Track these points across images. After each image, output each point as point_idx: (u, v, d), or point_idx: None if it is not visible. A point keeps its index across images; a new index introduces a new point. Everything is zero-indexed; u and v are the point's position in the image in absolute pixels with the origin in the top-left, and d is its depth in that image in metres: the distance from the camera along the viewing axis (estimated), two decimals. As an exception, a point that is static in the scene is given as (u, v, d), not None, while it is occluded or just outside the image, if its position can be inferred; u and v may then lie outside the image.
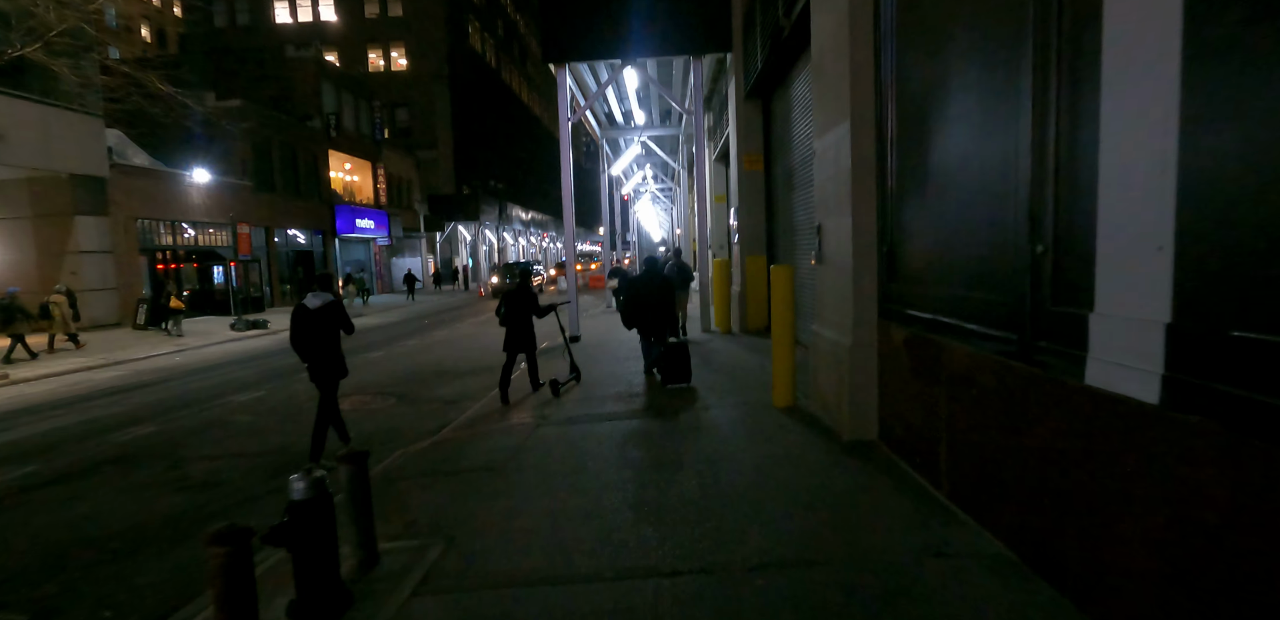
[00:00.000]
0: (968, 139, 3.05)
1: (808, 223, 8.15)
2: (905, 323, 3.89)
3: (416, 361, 10.86)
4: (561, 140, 11.13)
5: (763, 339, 9.97)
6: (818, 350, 5.26)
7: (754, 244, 10.76)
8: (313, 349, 5.23)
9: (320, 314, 5.19)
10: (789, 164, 9.14)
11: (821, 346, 5.14)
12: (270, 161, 24.73)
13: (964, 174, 3.09)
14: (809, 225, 8.01)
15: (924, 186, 3.62)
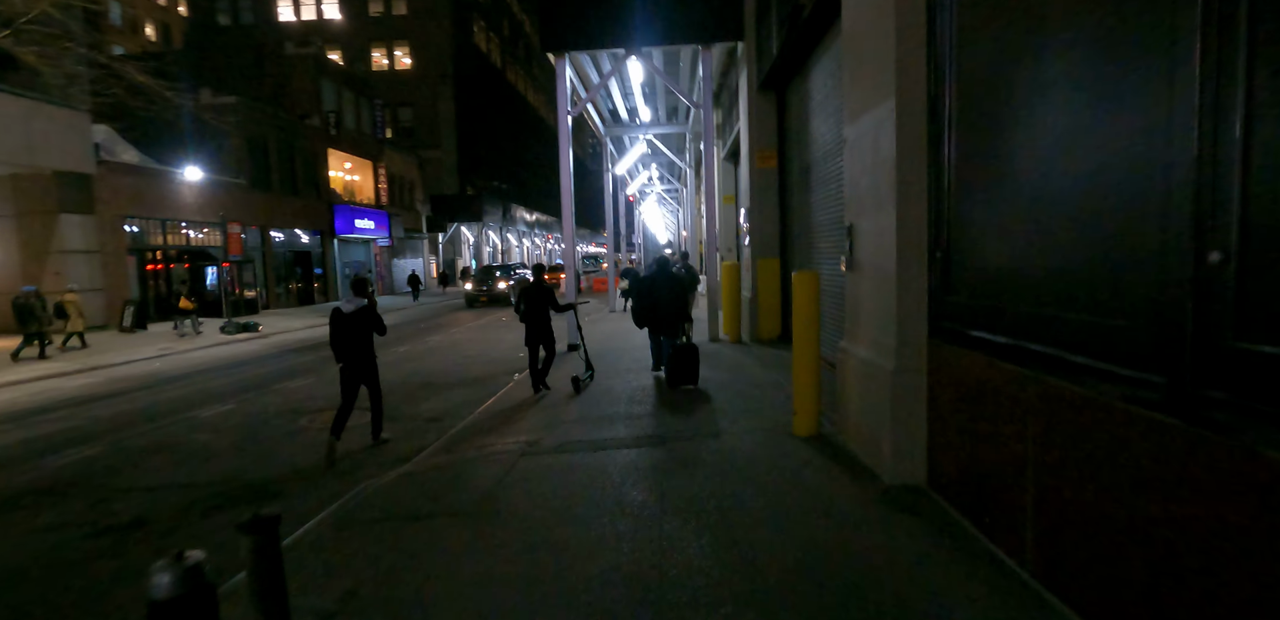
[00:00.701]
0: (1079, 108, 2.28)
1: (828, 223, 7.39)
2: (969, 345, 3.13)
3: (403, 371, 10.14)
4: (560, 135, 10.42)
5: (776, 350, 9.20)
6: (849, 371, 4.50)
7: (766, 246, 10.00)
8: (347, 350, 5.65)
9: (354, 317, 5.60)
10: (806, 160, 8.39)
11: (854, 367, 4.37)
12: (267, 160, 24.13)
13: (1070, 155, 2.33)
14: (830, 226, 7.25)
15: (999, 174, 2.86)
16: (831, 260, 7.44)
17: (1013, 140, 2.74)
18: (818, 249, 8.03)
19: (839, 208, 6.73)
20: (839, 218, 6.73)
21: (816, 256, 8.09)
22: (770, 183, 9.92)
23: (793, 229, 9.48)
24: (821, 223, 7.76)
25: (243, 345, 15.10)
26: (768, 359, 8.53)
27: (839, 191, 6.60)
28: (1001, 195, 2.86)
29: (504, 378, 9.12)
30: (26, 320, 12.26)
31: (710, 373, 7.82)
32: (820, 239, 7.85)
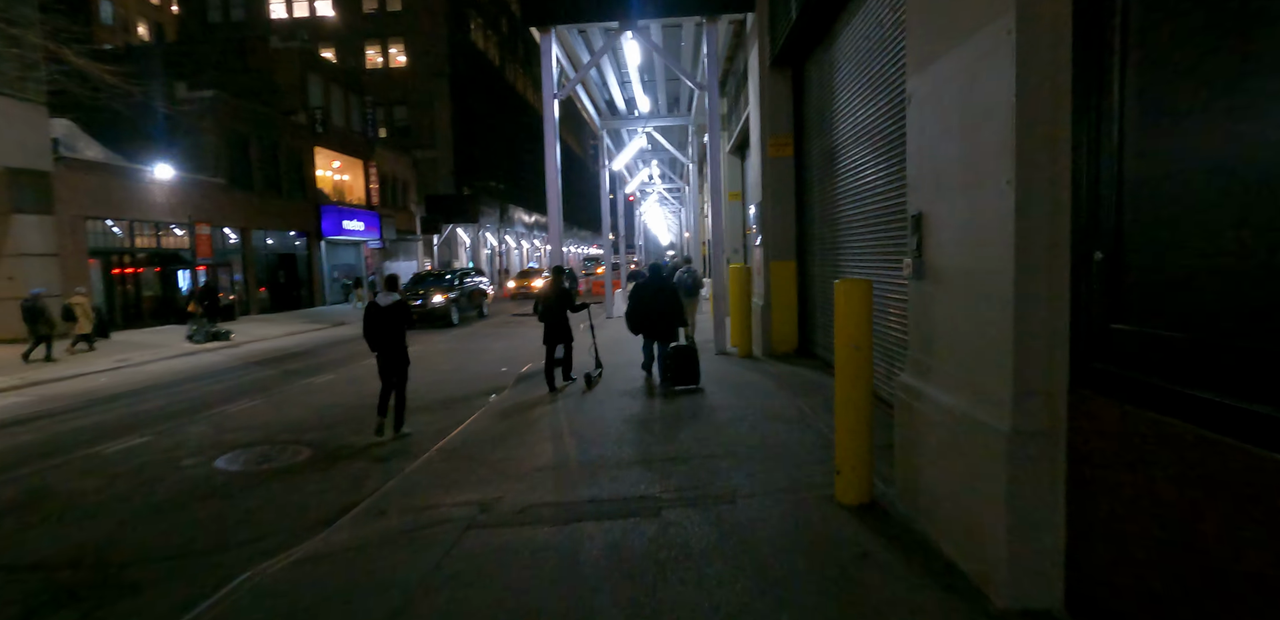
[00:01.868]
0: None
1: (863, 218, 6.10)
2: (1160, 406, 1.84)
3: (366, 390, 8.86)
4: (545, 122, 9.16)
5: (794, 367, 7.90)
6: (924, 422, 3.20)
7: (780, 247, 8.72)
8: (382, 341, 6.09)
9: (389, 311, 6.06)
10: (830, 144, 7.11)
11: (934, 418, 3.07)
12: (247, 158, 22.93)
13: None
14: (865, 221, 5.97)
15: (1251, 119, 1.57)
16: (864, 263, 6.15)
17: None
18: (846, 249, 6.73)
19: (880, 197, 5.44)
20: (881, 210, 5.45)
21: (845, 258, 6.80)
22: (785, 174, 8.64)
23: (813, 226, 8.19)
24: (852, 217, 6.46)
25: (207, 356, 13.85)
26: (786, 379, 7.23)
27: (883, 176, 5.31)
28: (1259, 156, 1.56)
29: (477, 400, 7.85)
30: (36, 322, 12.57)
31: (718, 396, 6.52)
32: (850, 237, 6.56)
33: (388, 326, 6.09)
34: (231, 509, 4.64)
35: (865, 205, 5.95)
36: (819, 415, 5.56)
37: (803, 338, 8.77)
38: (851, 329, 3.42)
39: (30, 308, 12.63)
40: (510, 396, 7.56)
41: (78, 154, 16.91)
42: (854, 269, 6.48)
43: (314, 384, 9.58)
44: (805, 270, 8.64)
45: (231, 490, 5.04)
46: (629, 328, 7.50)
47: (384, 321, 6.07)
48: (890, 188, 5.24)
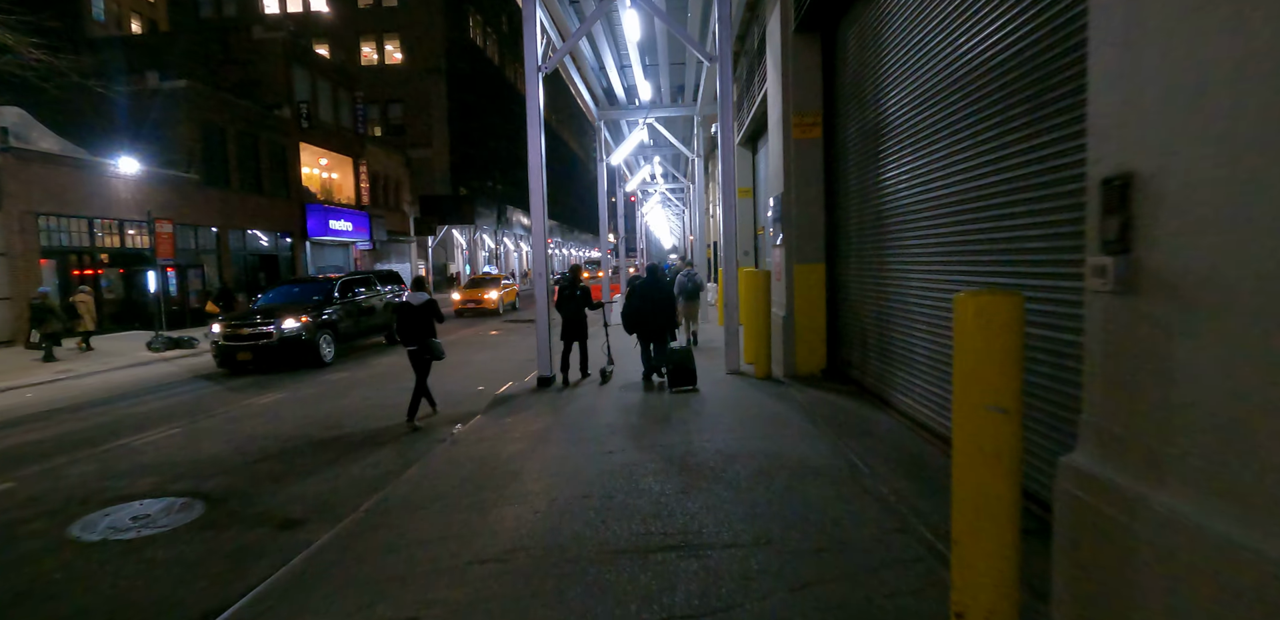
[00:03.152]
0: None
1: (925, 207, 4.68)
2: None
3: (310, 414, 7.46)
4: (529, 100, 7.77)
5: (825, 394, 6.46)
6: (1133, 550, 1.75)
7: (806, 246, 7.30)
8: (413, 336, 6.63)
9: (420, 309, 6.62)
10: (876, 119, 5.70)
11: (1163, 547, 1.63)
12: (225, 153, 21.58)
13: None
14: (926, 210, 4.55)
15: None
16: (929, 266, 4.74)
17: None
18: (899, 247, 5.31)
19: (966, 175, 4.02)
20: (969, 191, 4.02)
21: (896, 260, 5.38)
22: (813, 159, 7.23)
23: (847, 221, 6.77)
24: (910, 207, 5.05)
25: (160, 367, 12.46)
26: (818, 410, 5.79)
27: (984, 142, 3.88)
28: None
29: (438, 431, 6.43)
30: (46, 320, 12.66)
31: (735, 435, 5.08)
32: (907, 231, 5.13)
33: (419, 323, 6.63)
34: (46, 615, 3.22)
35: (936, 188, 4.53)
36: (876, 471, 4.13)
37: (833, 356, 7.35)
38: (992, 377, 1.99)
39: (40, 306, 12.86)
40: (480, 425, 6.15)
41: (30, 144, 15.56)
42: (912, 274, 5.06)
43: (255, 405, 8.16)
44: (836, 274, 7.23)
45: (57, 581, 3.62)
46: (625, 328, 7.61)
47: (416, 318, 6.62)
48: (991, 159, 3.82)
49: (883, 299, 5.71)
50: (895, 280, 5.40)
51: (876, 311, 5.88)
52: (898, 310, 5.37)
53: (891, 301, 5.49)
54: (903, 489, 3.79)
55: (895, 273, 5.40)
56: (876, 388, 5.99)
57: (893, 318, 5.48)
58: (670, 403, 6.56)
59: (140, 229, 18.13)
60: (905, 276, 5.18)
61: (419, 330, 6.65)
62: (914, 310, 5.03)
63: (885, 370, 5.74)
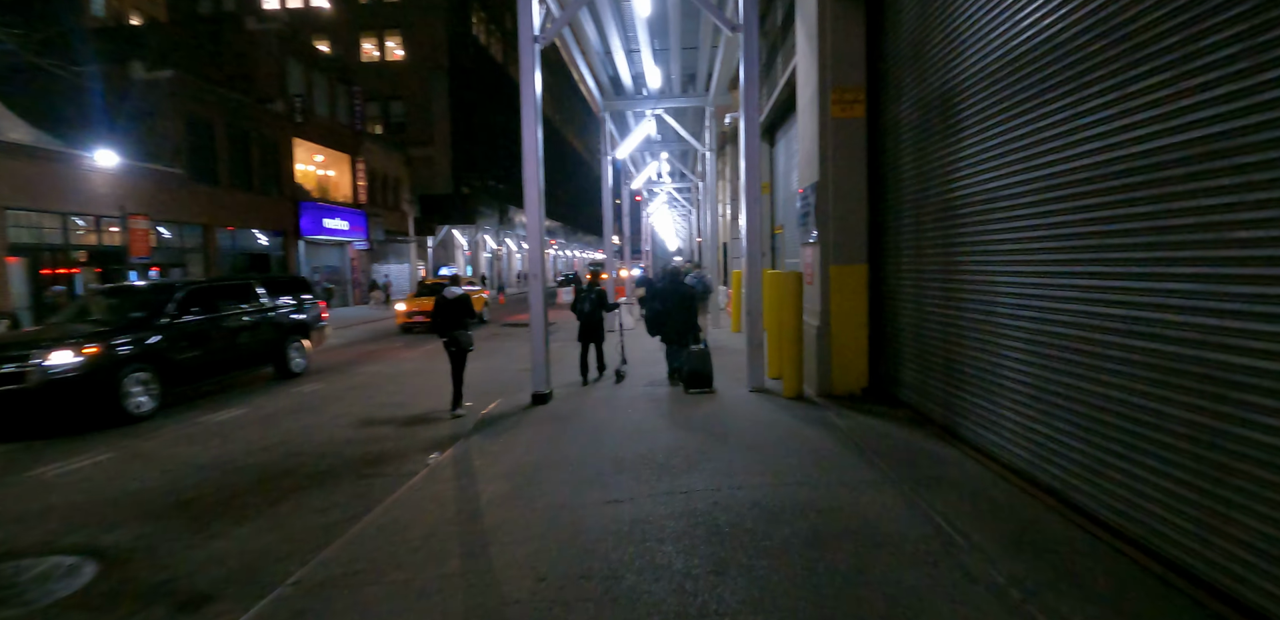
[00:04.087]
0: None
1: (1025, 193, 3.63)
2: None
3: (269, 438, 6.43)
4: (523, 77, 6.75)
5: (874, 420, 5.39)
6: None
7: (846, 244, 6.25)
8: (448, 328, 6.96)
9: (455, 303, 7.00)
10: (945, 88, 4.66)
11: None
12: (212, 147, 20.64)
13: None
14: (1026, 196, 3.49)
15: None
16: (1022, 267, 3.70)
17: None
18: (977, 245, 4.26)
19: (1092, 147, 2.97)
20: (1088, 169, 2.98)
21: (973, 259, 4.32)
22: (854, 142, 6.18)
23: (899, 215, 5.72)
24: (993, 194, 4.00)
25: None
26: (869, 443, 4.73)
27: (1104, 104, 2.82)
28: None
29: (411, 460, 5.40)
30: None
31: (771, 487, 4.01)
32: (987, 224, 4.08)
33: (453, 316, 6.98)
34: None
35: (1047, 163, 3.48)
36: (976, 543, 3.07)
37: (876, 373, 6.29)
38: None
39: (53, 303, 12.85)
40: (461, 454, 5.10)
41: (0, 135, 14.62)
42: (1000, 278, 4.00)
43: (209, 424, 7.13)
44: (882, 277, 6.18)
45: None
46: (648, 331, 7.74)
47: (451, 312, 6.99)
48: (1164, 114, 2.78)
49: (951, 307, 4.65)
50: (972, 285, 4.34)
51: (942, 322, 4.82)
52: (975, 322, 4.31)
53: (966, 311, 4.44)
54: (1022, 575, 2.73)
55: (972, 275, 4.35)
56: (940, 415, 4.93)
57: (967, 331, 4.42)
58: (688, 426, 5.51)
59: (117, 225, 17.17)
60: (988, 280, 4.12)
61: (451, 323, 6.99)
62: (1002, 323, 3.97)
63: (953, 395, 4.68)
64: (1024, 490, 3.65)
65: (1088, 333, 3.18)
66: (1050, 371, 3.49)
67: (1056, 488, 3.45)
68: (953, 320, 4.64)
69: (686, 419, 5.83)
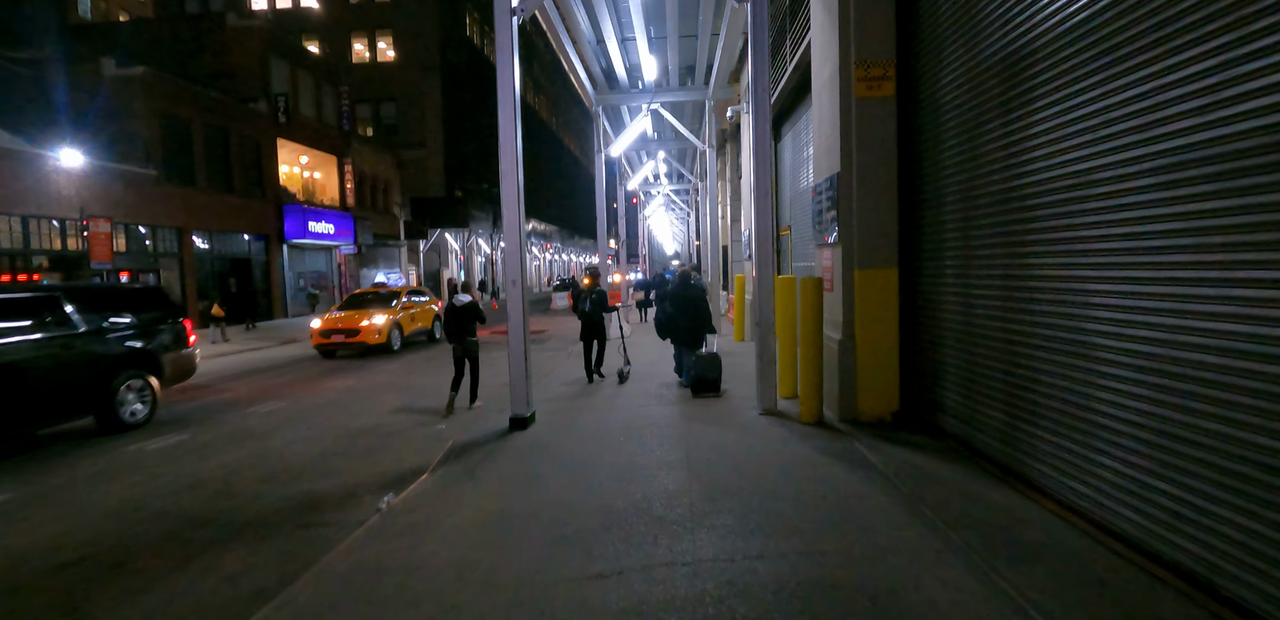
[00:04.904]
0: None
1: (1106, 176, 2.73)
2: None
3: (201, 474, 5.50)
4: (499, 51, 5.88)
5: (913, 454, 4.48)
6: None
7: (874, 245, 5.37)
8: (457, 333, 7.34)
9: (464, 309, 7.30)
10: (1008, 53, 3.79)
11: None
12: (189, 147, 19.74)
13: None
14: (1108, 179, 2.57)
15: None
16: (1131, 273, 2.81)
17: None
18: (1053, 244, 3.37)
19: None
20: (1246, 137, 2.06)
21: (1047, 262, 3.44)
22: (883, 126, 5.31)
23: (939, 209, 4.84)
24: (1079, 179, 3.12)
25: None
26: (926, 495, 3.82)
27: None
28: None
29: (365, 497, 4.48)
30: None
31: (801, 557, 3.10)
32: (1070, 218, 3.20)
33: (463, 321, 7.26)
34: None
35: (1166, 135, 2.60)
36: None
37: (909, 395, 5.40)
38: None
39: None
40: (418, 497, 4.19)
41: (-48, 133, 13.73)
42: (1093, 285, 3.12)
43: (157, 452, 6.21)
44: (917, 283, 5.29)
45: None
46: (658, 333, 7.86)
47: (460, 318, 7.26)
48: None
49: (1017, 320, 3.77)
50: (1050, 293, 3.46)
51: (1002, 339, 3.94)
52: (1055, 340, 3.42)
53: (1040, 325, 3.55)
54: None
55: (1049, 281, 3.46)
56: (998, 452, 4.04)
57: (1041, 351, 3.54)
58: (690, 461, 4.61)
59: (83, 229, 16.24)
60: (1076, 288, 3.24)
61: (460, 329, 7.34)
62: (1099, 344, 3.09)
63: (1018, 429, 3.79)
64: (1141, 567, 2.76)
65: (1250, 363, 2.30)
66: (1181, 412, 2.61)
67: (1194, 570, 2.56)
68: (1019, 336, 3.76)
69: (688, 451, 4.94)
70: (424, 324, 14.46)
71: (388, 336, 12.62)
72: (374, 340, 12.38)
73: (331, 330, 12.50)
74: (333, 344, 12.51)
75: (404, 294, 14.08)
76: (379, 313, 12.85)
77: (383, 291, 14.27)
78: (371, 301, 13.64)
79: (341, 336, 12.43)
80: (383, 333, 12.50)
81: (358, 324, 12.45)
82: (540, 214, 52.83)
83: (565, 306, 27.43)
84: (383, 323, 12.60)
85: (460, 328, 7.33)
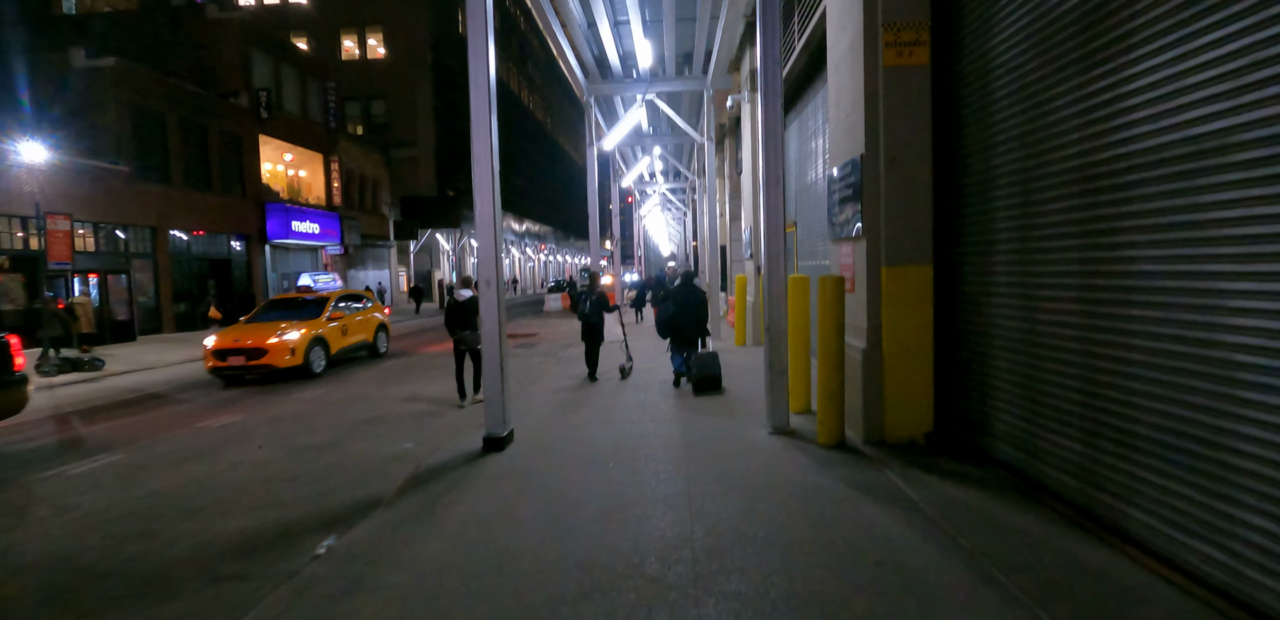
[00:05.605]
0: None
1: None
2: None
3: (108, 516, 4.68)
4: (470, 15, 5.10)
5: (969, 491, 3.67)
6: None
7: (905, 238, 4.61)
8: (459, 328, 7.51)
9: (466, 305, 7.39)
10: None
11: None
12: (164, 143, 18.89)
13: None
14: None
15: None
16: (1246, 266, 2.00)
17: None
18: (1172, 232, 2.61)
19: None
20: None
21: (1165, 256, 2.67)
22: (916, 98, 4.54)
23: (987, 195, 4.08)
24: (1214, 141, 2.35)
25: (25, 399, 9.63)
26: (994, 552, 3.03)
27: None
28: None
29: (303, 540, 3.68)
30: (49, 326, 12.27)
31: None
32: (1220, 194, 2.44)
33: (465, 317, 7.45)
34: None
35: None
36: None
37: (945, 413, 4.64)
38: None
39: (43, 310, 12.43)
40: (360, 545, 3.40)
41: (-99, 124, 12.87)
42: (1227, 283, 2.36)
43: (79, 478, 5.39)
44: (954, 282, 4.53)
45: None
46: (659, 332, 7.86)
47: (462, 313, 7.47)
48: None
49: (1102, 329, 3.01)
50: (1149, 296, 2.69)
51: (1082, 353, 3.17)
52: (1157, 357, 2.66)
53: (1138, 336, 2.79)
54: None
55: (1149, 280, 2.70)
56: (1076, 492, 3.27)
57: (1138, 370, 2.77)
58: (691, 497, 3.83)
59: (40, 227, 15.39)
60: (1204, 288, 2.47)
61: (462, 323, 7.50)
62: (1243, 362, 2.32)
63: (1106, 466, 3.03)
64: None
65: None
66: None
67: None
68: (1106, 349, 2.99)
69: (688, 482, 4.16)
70: (364, 336, 11.95)
71: (304, 356, 9.93)
72: (285, 362, 9.69)
73: (229, 349, 9.66)
74: (231, 368, 9.69)
75: (334, 300, 11.37)
76: (293, 327, 10.14)
77: (308, 297, 11.59)
78: (290, 311, 11.06)
79: (242, 358, 9.58)
80: (297, 352, 9.82)
81: (264, 341, 9.66)
82: (535, 215, 52.07)
83: (558, 309, 26.66)
84: (296, 339, 9.89)
85: (464, 323, 7.52)
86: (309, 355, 10.10)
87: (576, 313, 8.71)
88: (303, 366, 9.96)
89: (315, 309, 11.05)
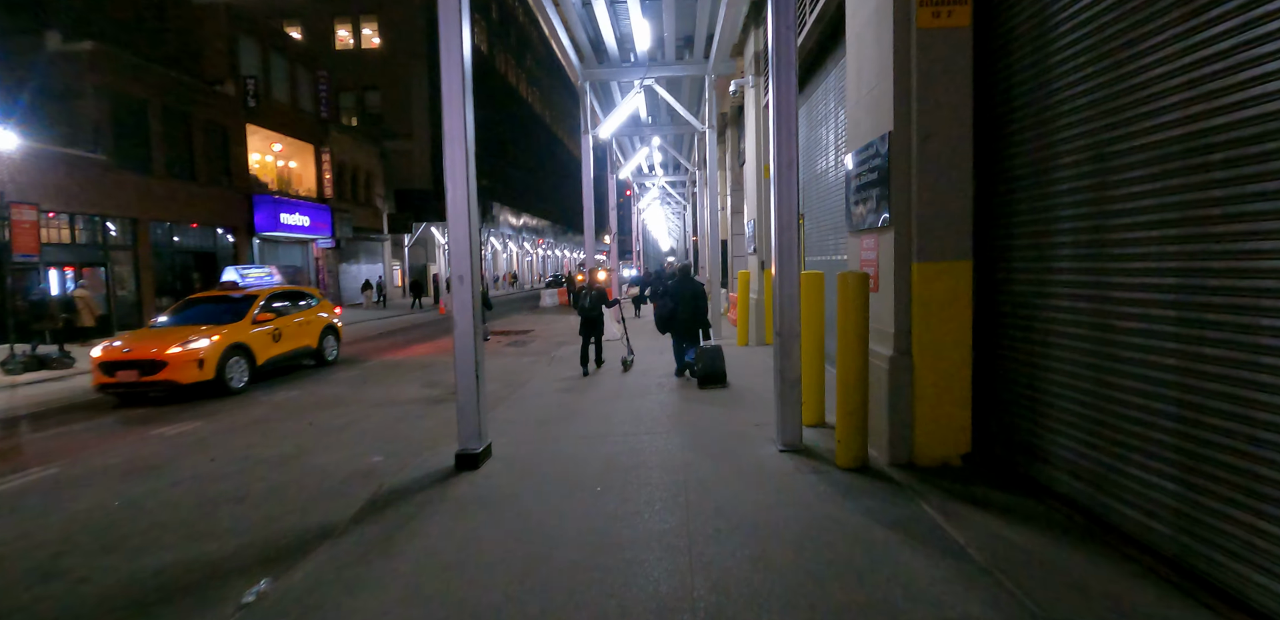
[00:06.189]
0: None
1: None
2: None
3: (15, 548, 4.07)
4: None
5: (1027, 534, 3.03)
6: None
7: (939, 231, 3.98)
8: None
9: None
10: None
11: None
12: (145, 131, 18.20)
13: None
14: None
15: None
16: None
17: None
18: None
19: None
20: None
21: None
22: (954, 68, 3.91)
23: (1043, 178, 3.45)
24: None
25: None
26: (1051, 612, 2.44)
27: None
28: None
29: (232, 583, 3.05)
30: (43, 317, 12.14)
31: None
32: None
33: None
34: None
35: None
36: None
37: (985, 431, 4.02)
38: None
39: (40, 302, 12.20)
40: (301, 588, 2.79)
41: None
42: None
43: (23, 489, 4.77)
44: (997, 280, 3.91)
45: None
46: (658, 327, 7.90)
47: None
48: None
49: (1212, 342, 2.38)
50: (1273, 301, 2.07)
51: (1180, 370, 2.55)
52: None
53: (1267, 351, 2.17)
54: None
55: (1277, 280, 2.08)
56: (1174, 544, 2.65)
57: (1265, 398, 2.15)
58: (691, 535, 3.21)
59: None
60: None
61: None
62: None
63: (1203, 509, 2.41)
64: None
65: None
66: None
67: None
68: (1221, 369, 2.37)
69: (688, 515, 3.54)
70: (306, 342, 10.19)
71: (217, 369, 8.21)
72: (191, 377, 7.97)
73: (118, 362, 7.91)
74: (121, 384, 7.92)
75: (262, 299, 9.58)
76: (205, 333, 8.34)
77: (233, 295, 9.71)
78: (206, 312, 9.27)
79: (134, 373, 7.84)
80: (207, 364, 8.08)
81: (164, 352, 7.88)
82: (535, 210, 51.32)
83: (555, 304, 26.06)
84: (206, 347, 8.14)
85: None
86: (224, 367, 8.32)
87: (576, 307, 8.79)
88: (216, 381, 8.19)
89: (237, 310, 9.27)
